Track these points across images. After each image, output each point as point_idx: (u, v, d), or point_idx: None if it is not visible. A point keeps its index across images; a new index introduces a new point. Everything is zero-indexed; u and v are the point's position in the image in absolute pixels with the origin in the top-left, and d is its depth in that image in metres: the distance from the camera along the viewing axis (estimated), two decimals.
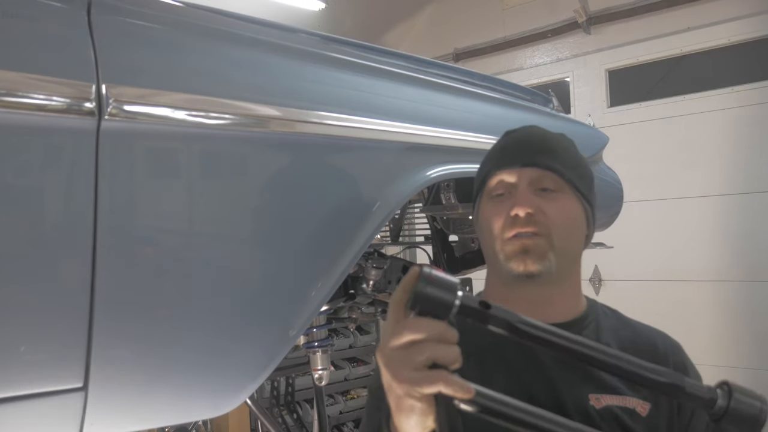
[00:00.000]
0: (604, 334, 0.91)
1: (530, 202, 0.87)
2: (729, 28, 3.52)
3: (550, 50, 4.31)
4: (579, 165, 0.94)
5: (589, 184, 0.95)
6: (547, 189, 0.89)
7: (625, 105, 3.95)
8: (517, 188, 0.90)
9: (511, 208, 0.87)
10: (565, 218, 0.89)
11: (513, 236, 0.87)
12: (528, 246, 0.86)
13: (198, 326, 0.95)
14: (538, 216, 0.87)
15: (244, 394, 1.01)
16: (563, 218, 0.88)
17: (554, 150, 0.92)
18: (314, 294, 1.06)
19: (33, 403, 0.80)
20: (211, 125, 0.93)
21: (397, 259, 1.64)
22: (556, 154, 0.92)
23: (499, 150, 0.96)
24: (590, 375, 0.83)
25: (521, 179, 0.90)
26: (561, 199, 0.89)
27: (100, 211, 0.82)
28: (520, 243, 0.87)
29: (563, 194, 0.90)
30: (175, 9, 1.01)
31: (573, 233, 0.91)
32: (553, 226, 0.87)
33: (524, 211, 0.86)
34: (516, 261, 0.87)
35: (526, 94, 1.83)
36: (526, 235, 0.86)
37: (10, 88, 0.74)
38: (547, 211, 0.87)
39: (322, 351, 1.52)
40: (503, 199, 0.91)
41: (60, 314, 0.81)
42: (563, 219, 0.88)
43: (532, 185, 0.89)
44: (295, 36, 1.19)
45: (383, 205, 1.14)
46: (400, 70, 1.32)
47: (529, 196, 0.88)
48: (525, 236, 0.86)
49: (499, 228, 0.89)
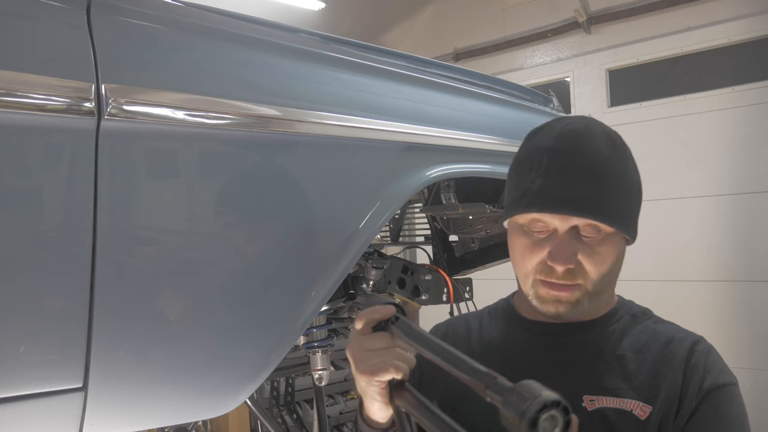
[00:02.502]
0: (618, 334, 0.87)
1: (570, 256, 0.79)
2: (729, 28, 3.52)
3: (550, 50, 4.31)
4: (630, 198, 0.84)
5: (636, 213, 0.85)
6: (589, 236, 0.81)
7: (625, 105, 3.95)
8: (557, 234, 0.81)
9: (548, 256, 0.81)
10: (606, 268, 0.81)
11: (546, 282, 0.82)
12: (562, 298, 0.82)
13: (198, 326, 0.95)
14: (577, 269, 0.80)
15: (244, 394, 1.01)
16: (605, 269, 0.81)
17: (606, 189, 0.80)
18: (314, 294, 1.06)
19: (33, 403, 0.80)
20: (211, 125, 0.93)
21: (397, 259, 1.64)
22: (608, 196, 0.80)
23: (541, 179, 0.81)
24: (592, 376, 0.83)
25: (563, 226, 0.80)
26: (603, 248, 0.81)
27: (99, 211, 0.82)
28: (555, 296, 0.82)
29: (608, 241, 0.81)
30: (175, 9, 1.01)
31: (611, 273, 0.83)
32: (590, 276, 0.81)
33: (563, 267, 0.80)
34: (547, 305, 0.83)
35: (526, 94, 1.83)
36: (561, 285, 0.81)
37: (10, 88, 0.74)
38: (586, 262, 0.80)
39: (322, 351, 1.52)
40: (540, 239, 0.82)
41: (60, 314, 0.81)
42: (604, 269, 0.81)
43: (573, 230, 0.80)
44: (295, 36, 1.19)
45: (383, 205, 1.14)
46: (400, 70, 1.32)
47: (570, 248, 0.80)
48: (559, 286, 0.81)
49: (533, 268, 0.83)
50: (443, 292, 1.72)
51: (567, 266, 0.80)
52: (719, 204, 3.54)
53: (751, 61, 3.52)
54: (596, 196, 0.79)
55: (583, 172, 0.79)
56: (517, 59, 4.47)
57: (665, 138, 3.71)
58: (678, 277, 3.61)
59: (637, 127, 3.82)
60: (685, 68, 3.78)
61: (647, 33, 3.82)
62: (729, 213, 3.51)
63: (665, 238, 3.66)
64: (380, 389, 0.76)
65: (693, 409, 0.79)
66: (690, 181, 3.62)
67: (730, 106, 3.52)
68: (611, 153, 0.82)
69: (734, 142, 3.51)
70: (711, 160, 3.57)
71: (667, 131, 3.71)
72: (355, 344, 0.79)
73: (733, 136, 3.51)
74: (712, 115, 3.58)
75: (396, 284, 1.62)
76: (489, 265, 2.04)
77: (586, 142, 0.82)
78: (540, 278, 0.83)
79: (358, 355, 0.77)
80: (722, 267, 3.52)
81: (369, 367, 0.75)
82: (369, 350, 0.77)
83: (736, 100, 3.50)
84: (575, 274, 0.81)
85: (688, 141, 3.64)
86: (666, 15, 3.75)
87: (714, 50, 3.62)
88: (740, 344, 3.44)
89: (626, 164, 0.84)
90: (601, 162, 0.81)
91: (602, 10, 3.99)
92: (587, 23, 4.01)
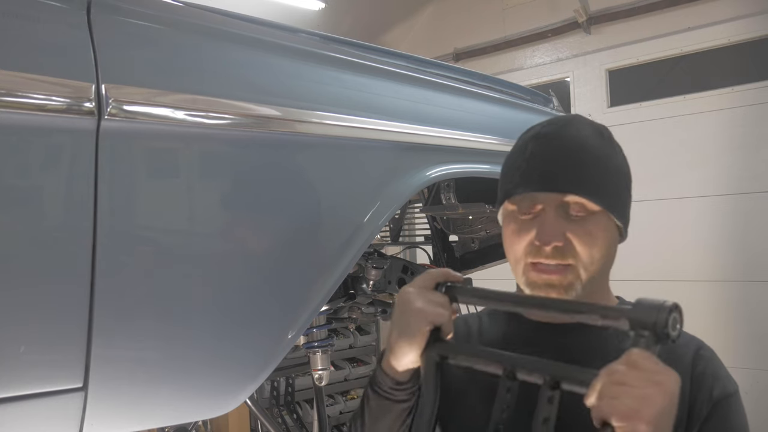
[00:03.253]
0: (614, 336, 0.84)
1: (557, 233, 0.79)
2: (729, 28, 3.52)
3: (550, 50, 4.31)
4: (615, 180, 0.84)
5: (625, 199, 0.85)
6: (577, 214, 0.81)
7: (625, 105, 3.95)
8: (544, 214, 0.81)
9: (535, 235, 0.81)
10: (596, 250, 0.81)
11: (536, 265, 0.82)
12: (554, 281, 0.81)
13: (198, 326, 0.95)
14: (566, 247, 0.80)
15: (244, 394, 1.01)
16: (595, 250, 0.80)
17: (589, 166, 0.81)
18: (314, 294, 1.06)
19: (33, 403, 0.80)
20: (211, 125, 0.93)
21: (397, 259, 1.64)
22: (591, 172, 0.81)
23: (525, 162, 0.83)
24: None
25: (548, 205, 0.81)
26: (592, 225, 0.80)
27: (99, 211, 0.82)
28: (546, 279, 0.81)
29: (595, 220, 0.81)
30: (175, 9, 1.01)
31: (603, 258, 0.82)
32: (581, 257, 0.80)
33: (550, 244, 0.79)
34: (538, 291, 0.82)
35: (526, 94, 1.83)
36: (551, 268, 0.81)
37: (10, 88, 0.74)
38: (576, 240, 0.80)
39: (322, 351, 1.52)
40: (528, 221, 0.83)
41: (60, 314, 0.81)
42: (595, 251, 0.80)
43: (560, 209, 0.81)
44: (295, 36, 1.19)
45: (383, 205, 1.14)
46: (400, 70, 1.32)
47: (556, 225, 0.80)
48: (550, 269, 0.81)
49: (522, 252, 0.83)
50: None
51: (555, 243, 0.79)
52: (719, 204, 3.54)
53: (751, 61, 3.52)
54: (581, 173, 0.80)
55: (567, 152, 0.82)
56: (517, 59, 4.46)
57: (665, 138, 3.71)
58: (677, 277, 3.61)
59: (636, 127, 3.82)
60: (685, 68, 3.77)
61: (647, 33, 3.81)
62: (728, 213, 3.51)
63: (664, 238, 3.66)
64: (423, 335, 0.79)
65: (704, 418, 0.78)
66: (689, 181, 3.62)
67: (729, 106, 3.52)
68: (597, 140, 0.84)
69: (734, 142, 3.51)
70: (710, 160, 3.57)
71: (666, 131, 3.71)
72: (414, 291, 0.82)
73: (732, 136, 3.51)
74: (712, 115, 3.57)
75: (396, 284, 1.62)
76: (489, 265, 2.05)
77: (571, 127, 0.84)
78: (530, 260, 0.82)
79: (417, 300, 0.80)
80: (721, 267, 3.52)
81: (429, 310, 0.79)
82: (427, 300, 0.80)
83: (736, 101, 3.50)
84: (564, 253, 0.80)
85: (687, 141, 3.64)
86: (666, 15, 3.75)
87: (714, 50, 3.62)
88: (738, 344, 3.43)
89: (612, 151, 0.86)
90: (586, 144, 0.83)
91: (602, 10, 3.99)
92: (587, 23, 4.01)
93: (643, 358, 0.64)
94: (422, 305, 0.80)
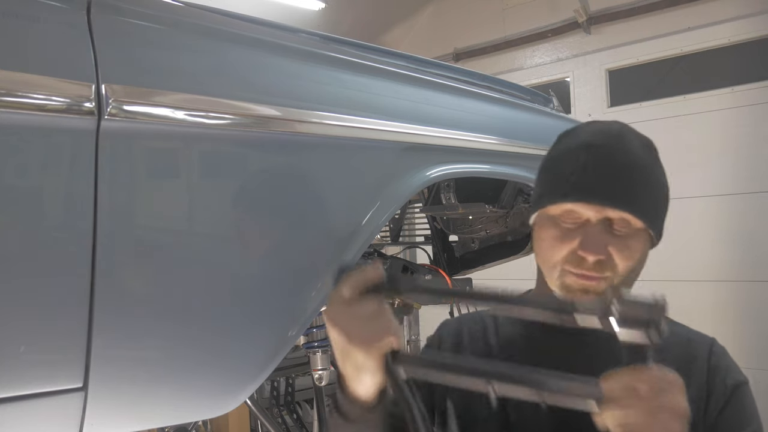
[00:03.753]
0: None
1: (601, 246, 0.80)
2: (729, 28, 3.52)
3: (550, 50, 4.31)
4: (659, 197, 0.87)
5: (664, 215, 0.88)
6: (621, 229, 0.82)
7: (625, 105, 3.95)
8: (590, 226, 0.82)
9: (578, 246, 0.81)
10: (633, 262, 0.82)
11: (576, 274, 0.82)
12: (590, 287, 0.82)
13: (198, 326, 0.95)
14: (607, 261, 0.81)
15: (244, 394, 1.01)
16: (632, 263, 0.82)
17: (641, 186, 0.83)
18: (314, 294, 1.06)
19: (33, 403, 0.80)
20: (211, 125, 0.93)
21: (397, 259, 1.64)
22: (642, 192, 0.83)
23: (579, 172, 0.83)
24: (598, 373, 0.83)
25: (596, 217, 0.81)
26: (633, 242, 0.82)
27: (99, 211, 0.82)
28: (582, 285, 0.82)
29: (637, 236, 0.83)
30: (175, 9, 1.01)
31: (637, 271, 0.85)
32: (619, 271, 0.81)
33: (595, 257, 0.80)
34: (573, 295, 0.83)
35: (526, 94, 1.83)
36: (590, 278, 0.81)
37: (10, 88, 0.74)
38: (617, 255, 0.81)
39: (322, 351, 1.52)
40: (570, 229, 0.83)
41: (60, 314, 0.81)
42: (632, 264, 0.82)
43: (605, 222, 0.81)
44: (295, 36, 1.19)
45: (383, 204, 1.14)
46: (400, 70, 1.32)
47: (601, 239, 0.80)
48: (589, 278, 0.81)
49: (562, 258, 0.83)
50: None
51: (598, 257, 0.80)
52: (719, 204, 3.54)
53: (751, 61, 3.52)
54: (631, 190, 0.82)
55: (619, 167, 0.83)
56: (517, 59, 4.47)
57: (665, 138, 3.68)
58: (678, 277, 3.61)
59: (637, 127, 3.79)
60: (685, 68, 3.78)
61: (647, 33, 3.82)
62: (729, 213, 3.51)
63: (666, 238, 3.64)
64: (378, 360, 0.69)
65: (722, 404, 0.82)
66: (690, 181, 3.62)
67: (730, 106, 3.52)
68: (645, 154, 0.87)
69: (734, 142, 3.51)
70: (711, 160, 3.57)
71: (667, 131, 3.71)
72: (340, 313, 0.71)
73: (733, 136, 3.51)
74: (712, 115, 3.58)
75: None
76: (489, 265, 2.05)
77: (622, 141, 0.86)
78: (568, 269, 0.83)
79: (348, 326, 0.70)
80: (723, 267, 3.52)
81: (367, 337, 0.69)
82: (360, 318, 0.69)
83: (736, 100, 3.50)
84: (604, 267, 0.81)
85: (688, 141, 3.64)
86: (666, 15, 3.75)
87: (714, 50, 3.62)
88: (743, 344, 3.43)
89: (658, 168, 0.89)
90: (636, 160, 0.84)
91: (602, 10, 3.99)
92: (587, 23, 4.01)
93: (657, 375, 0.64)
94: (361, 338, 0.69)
